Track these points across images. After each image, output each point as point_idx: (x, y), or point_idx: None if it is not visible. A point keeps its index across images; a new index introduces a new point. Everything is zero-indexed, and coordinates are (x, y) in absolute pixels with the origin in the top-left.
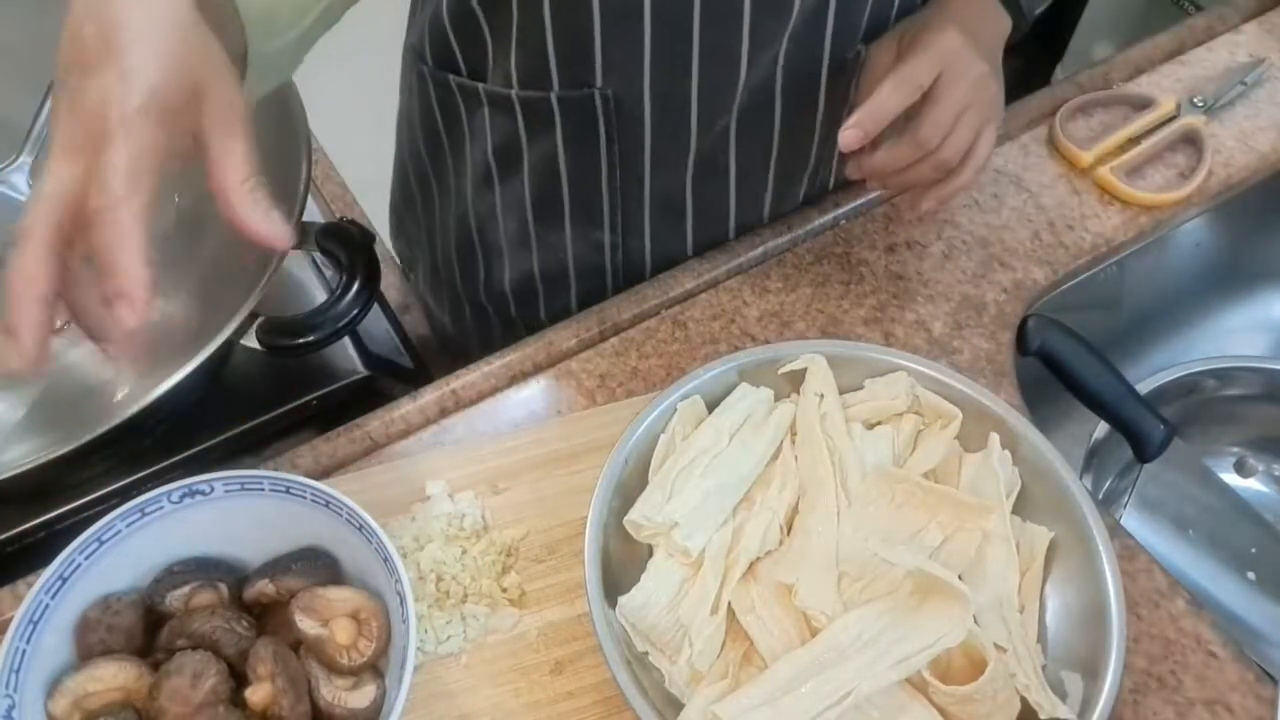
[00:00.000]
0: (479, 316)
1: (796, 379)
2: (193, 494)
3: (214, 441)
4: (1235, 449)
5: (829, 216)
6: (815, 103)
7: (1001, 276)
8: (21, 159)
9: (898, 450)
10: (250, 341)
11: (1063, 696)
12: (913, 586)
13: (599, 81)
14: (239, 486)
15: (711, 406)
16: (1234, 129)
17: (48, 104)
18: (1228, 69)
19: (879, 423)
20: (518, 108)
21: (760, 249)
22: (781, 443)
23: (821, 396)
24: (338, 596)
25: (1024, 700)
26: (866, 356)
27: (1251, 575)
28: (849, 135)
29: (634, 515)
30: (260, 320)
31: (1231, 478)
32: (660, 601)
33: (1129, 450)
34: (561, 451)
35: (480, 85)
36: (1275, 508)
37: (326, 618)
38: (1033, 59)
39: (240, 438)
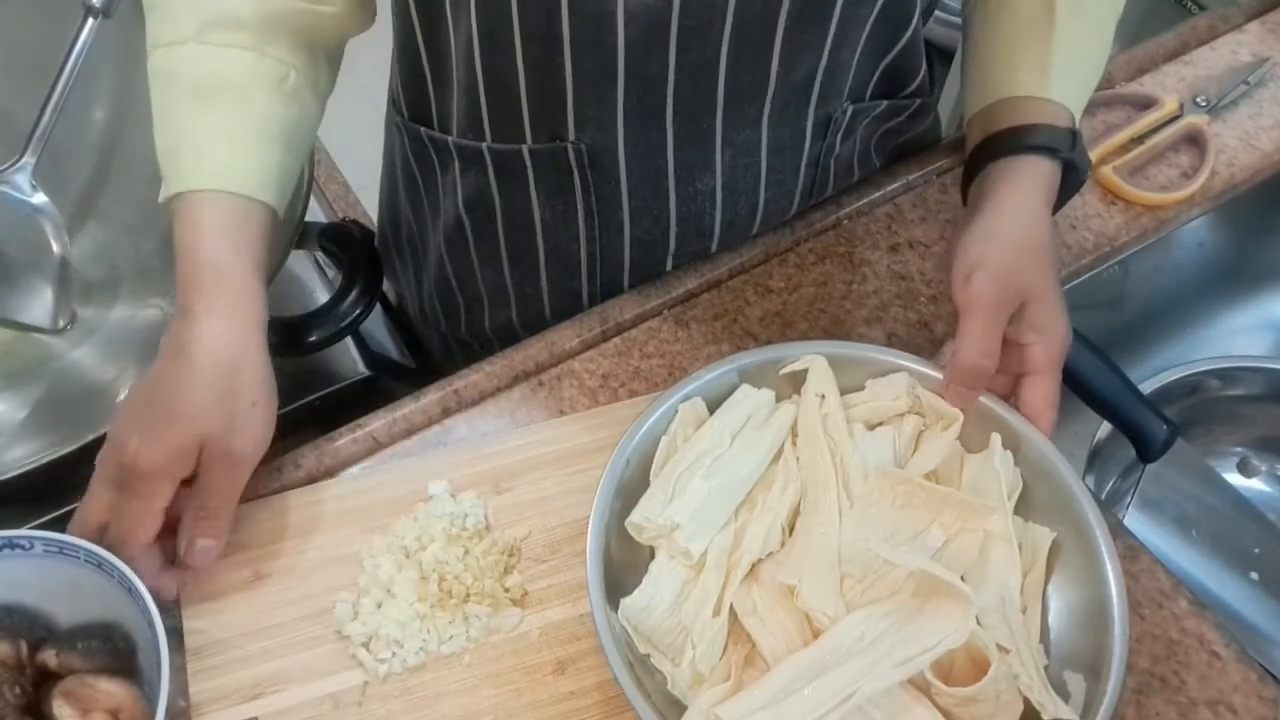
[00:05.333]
0: (466, 353)
1: (797, 380)
2: (13, 547)
3: None
4: (1238, 449)
5: (831, 217)
6: (798, 164)
7: None
8: (24, 159)
9: (899, 451)
10: None
11: (1065, 697)
12: (915, 587)
13: (571, 135)
14: (57, 549)
15: (712, 408)
16: (1237, 128)
17: (50, 105)
18: (1231, 68)
19: (880, 423)
20: (489, 161)
21: (762, 249)
22: (783, 444)
23: (823, 397)
24: (106, 689)
25: (1027, 701)
26: (867, 357)
27: (1255, 575)
28: (963, 399)
29: (635, 517)
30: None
31: (1235, 478)
32: (662, 604)
33: (1132, 450)
34: (564, 451)
35: (449, 138)
36: (1278, 508)
37: (86, 709)
38: None
39: None
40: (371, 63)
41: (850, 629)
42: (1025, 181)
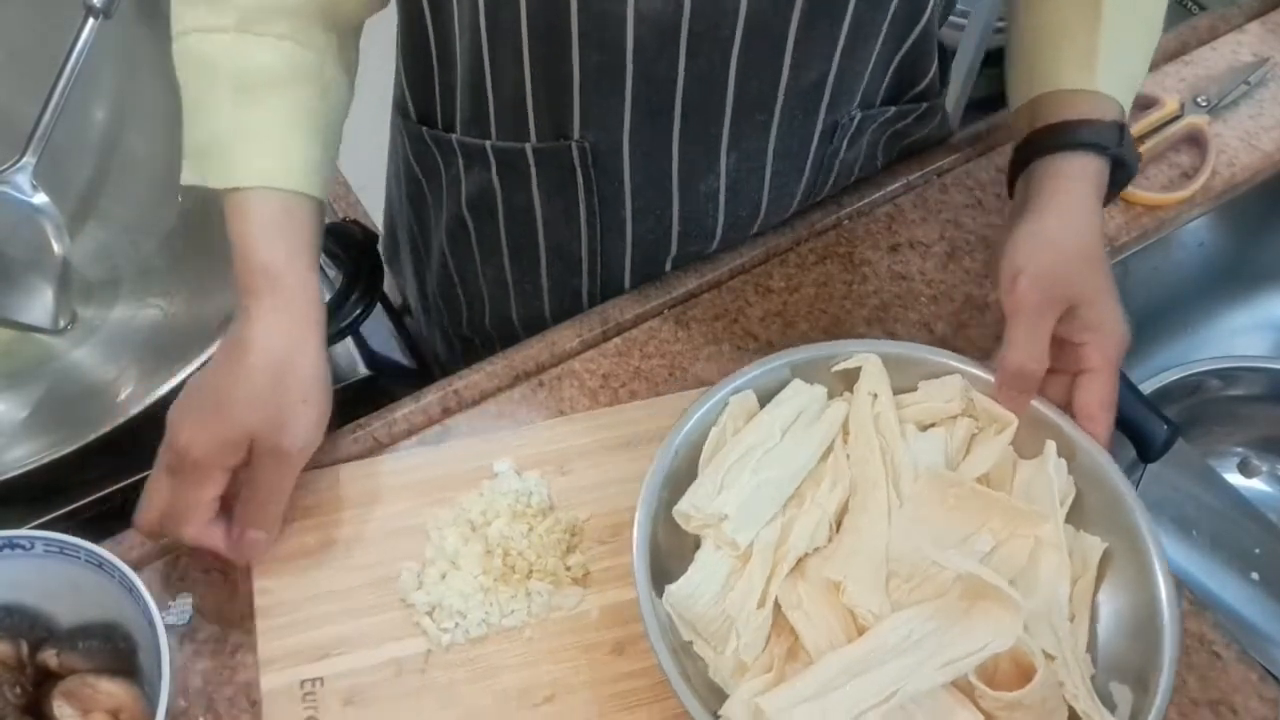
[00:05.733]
0: (468, 349)
1: (849, 378)
2: (13, 547)
3: None
4: (1239, 449)
5: (831, 216)
6: (803, 167)
7: None
8: (24, 160)
9: (951, 453)
10: None
11: (1111, 708)
12: (962, 590)
13: (576, 134)
14: (58, 549)
15: (763, 402)
16: (1238, 128)
17: (50, 105)
18: (1231, 68)
19: (932, 425)
20: (492, 159)
21: (762, 248)
22: (833, 441)
23: (875, 396)
24: (106, 690)
25: (1070, 709)
26: (921, 358)
27: (1255, 575)
28: (1015, 403)
29: (683, 506)
30: None
31: (1235, 478)
32: (707, 592)
33: (1132, 450)
34: (626, 437)
35: (453, 136)
36: (1279, 508)
37: (87, 709)
38: None
39: None
40: (373, 64)
41: (895, 628)
42: (1073, 181)
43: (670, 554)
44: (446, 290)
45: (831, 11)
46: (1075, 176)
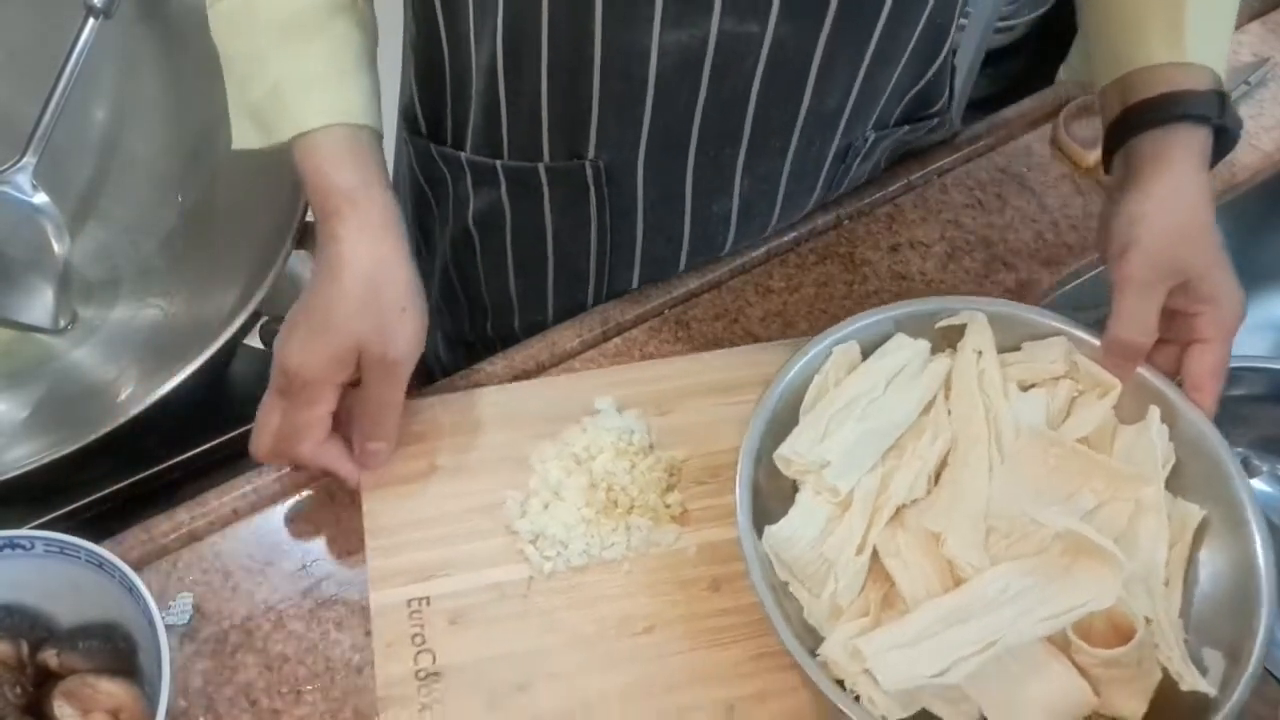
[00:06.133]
0: (470, 353)
1: (951, 336)
2: (13, 547)
3: (217, 441)
4: (1240, 449)
5: (831, 216)
6: (814, 186)
7: (1005, 277)
8: (25, 160)
9: (1052, 414)
10: (254, 341)
11: (1203, 672)
12: (1063, 548)
13: (591, 154)
14: (58, 549)
15: (866, 355)
16: None
17: (51, 105)
18: (1232, 68)
19: (1034, 385)
20: (502, 177)
21: (763, 249)
22: (935, 395)
23: (980, 354)
24: (106, 690)
25: (1163, 673)
26: (1027, 319)
27: None
28: (1120, 371)
29: (785, 450)
30: (263, 320)
31: None
32: (806, 536)
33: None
34: (722, 381)
35: (463, 155)
36: (1279, 508)
37: (87, 709)
38: (1036, 59)
39: (243, 438)
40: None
41: (994, 580)
42: (1177, 155)
43: (770, 496)
44: (449, 297)
45: (855, 43)
46: (1180, 150)
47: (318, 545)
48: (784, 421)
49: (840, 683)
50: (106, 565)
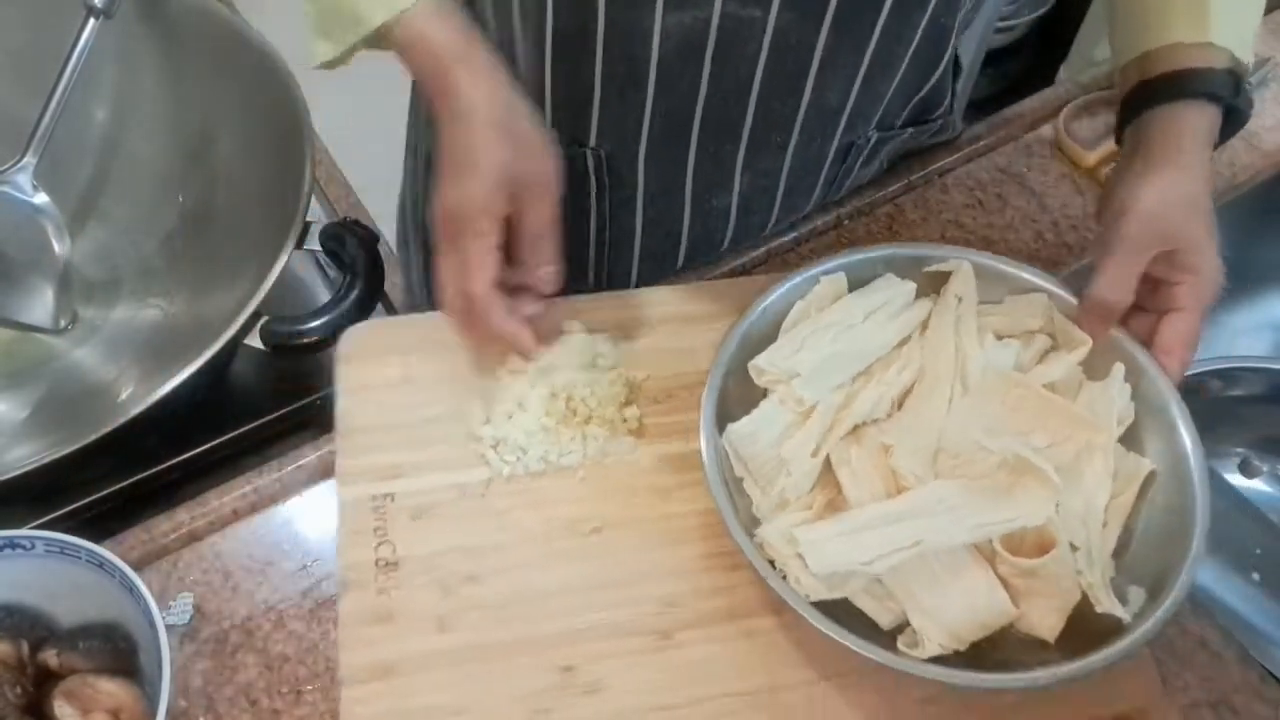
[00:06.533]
0: None
1: (937, 282)
2: (14, 547)
3: (218, 441)
4: (1240, 450)
5: (831, 216)
6: (814, 184)
7: None
8: (25, 160)
9: (1022, 364)
10: (254, 341)
11: (1124, 604)
12: (1006, 473)
13: (592, 141)
14: (59, 549)
15: (853, 290)
16: None
17: (51, 105)
18: None
19: (1010, 337)
20: None
21: (763, 249)
22: (912, 334)
23: (960, 300)
24: (107, 689)
25: (1084, 605)
26: (1014, 274)
27: (1256, 576)
28: (1093, 330)
29: (760, 360)
30: (264, 320)
31: (1236, 478)
32: (766, 436)
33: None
34: (689, 313)
35: None
36: (1279, 508)
37: (87, 709)
38: (1036, 59)
39: (243, 437)
40: (374, 63)
41: (934, 491)
42: (1185, 130)
43: (736, 403)
44: None
45: (857, 36)
46: (1189, 126)
47: (318, 545)
48: (762, 339)
49: (772, 563)
50: (107, 565)
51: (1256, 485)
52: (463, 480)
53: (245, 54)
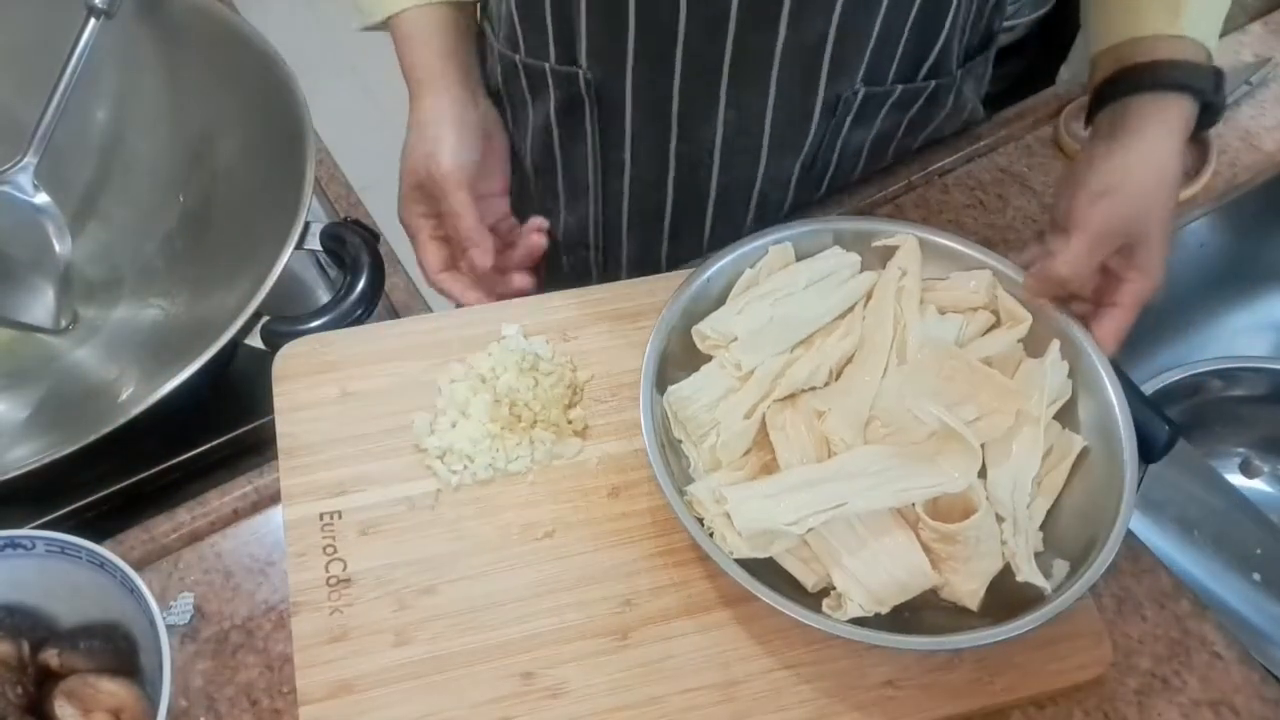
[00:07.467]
0: None
1: (885, 256)
2: (14, 546)
3: (218, 441)
4: (1240, 450)
5: (831, 216)
6: (802, 143)
7: None
8: (26, 160)
9: (963, 339)
10: (254, 341)
11: (1047, 576)
12: (933, 441)
13: (584, 62)
14: (59, 549)
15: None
16: (1239, 129)
17: (52, 105)
18: (1233, 69)
19: (954, 311)
20: (521, 73)
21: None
22: (855, 305)
23: (904, 273)
24: (108, 689)
25: (1006, 572)
26: (961, 251)
27: (1257, 576)
28: (1037, 290)
29: (703, 326)
30: (264, 320)
31: (1237, 478)
32: (704, 399)
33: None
34: (626, 310)
35: (495, 43)
36: None
37: (88, 708)
38: (1037, 59)
39: (244, 438)
40: (374, 63)
41: (861, 455)
42: (1167, 121)
43: (678, 368)
44: None
45: None
46: (1171, 117)
47: None
48: (707, 307)
49: (700, 521)
50: (107, 565)
51: (1257, 485)
52: (411, 493)
53: (246, 54)
